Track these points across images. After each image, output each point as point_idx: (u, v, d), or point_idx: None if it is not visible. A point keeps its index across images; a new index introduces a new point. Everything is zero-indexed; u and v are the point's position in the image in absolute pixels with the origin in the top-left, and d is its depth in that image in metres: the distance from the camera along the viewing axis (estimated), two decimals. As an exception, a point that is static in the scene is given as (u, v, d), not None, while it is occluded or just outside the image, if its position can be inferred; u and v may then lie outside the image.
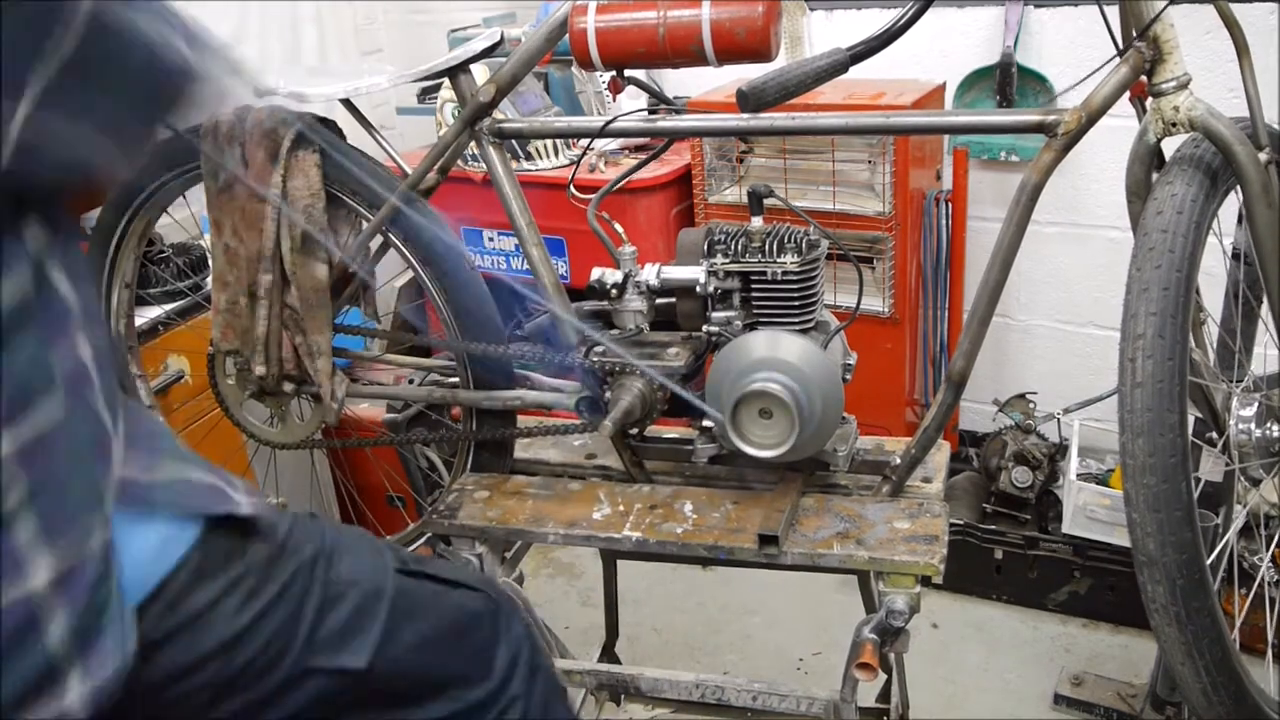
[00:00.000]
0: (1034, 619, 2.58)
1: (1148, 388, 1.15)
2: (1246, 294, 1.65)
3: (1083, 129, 1.24)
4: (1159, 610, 1.19)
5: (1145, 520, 1.16)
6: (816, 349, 1.36)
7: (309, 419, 1.79)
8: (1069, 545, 2.49)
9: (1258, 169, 1.22)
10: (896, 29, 1.26)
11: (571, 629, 2.60)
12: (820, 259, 1.43)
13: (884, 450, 1.54)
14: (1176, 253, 1.17)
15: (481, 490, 1.57)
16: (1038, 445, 2.62)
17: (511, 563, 1.60)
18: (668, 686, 1.51)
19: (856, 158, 2.61)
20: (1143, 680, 2.23)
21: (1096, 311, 2.81)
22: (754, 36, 1.31)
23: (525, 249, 1.52)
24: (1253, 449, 1.54)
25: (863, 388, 1.72)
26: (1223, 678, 1.22)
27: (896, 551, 1.32)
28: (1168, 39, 1.21)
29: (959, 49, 2.72)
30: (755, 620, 2.65)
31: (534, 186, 2.60)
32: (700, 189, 2.75)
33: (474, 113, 1.49)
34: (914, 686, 1.80)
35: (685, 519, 1.44)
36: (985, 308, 1.33)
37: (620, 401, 1.42)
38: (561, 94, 2.88)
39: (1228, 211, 1.35)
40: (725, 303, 1.44)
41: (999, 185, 2.77)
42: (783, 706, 1.46)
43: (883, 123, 1.41)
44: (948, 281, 2.76)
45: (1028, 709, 2.31)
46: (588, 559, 2.84)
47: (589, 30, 1.38)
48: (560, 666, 1.55)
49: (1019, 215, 1.28)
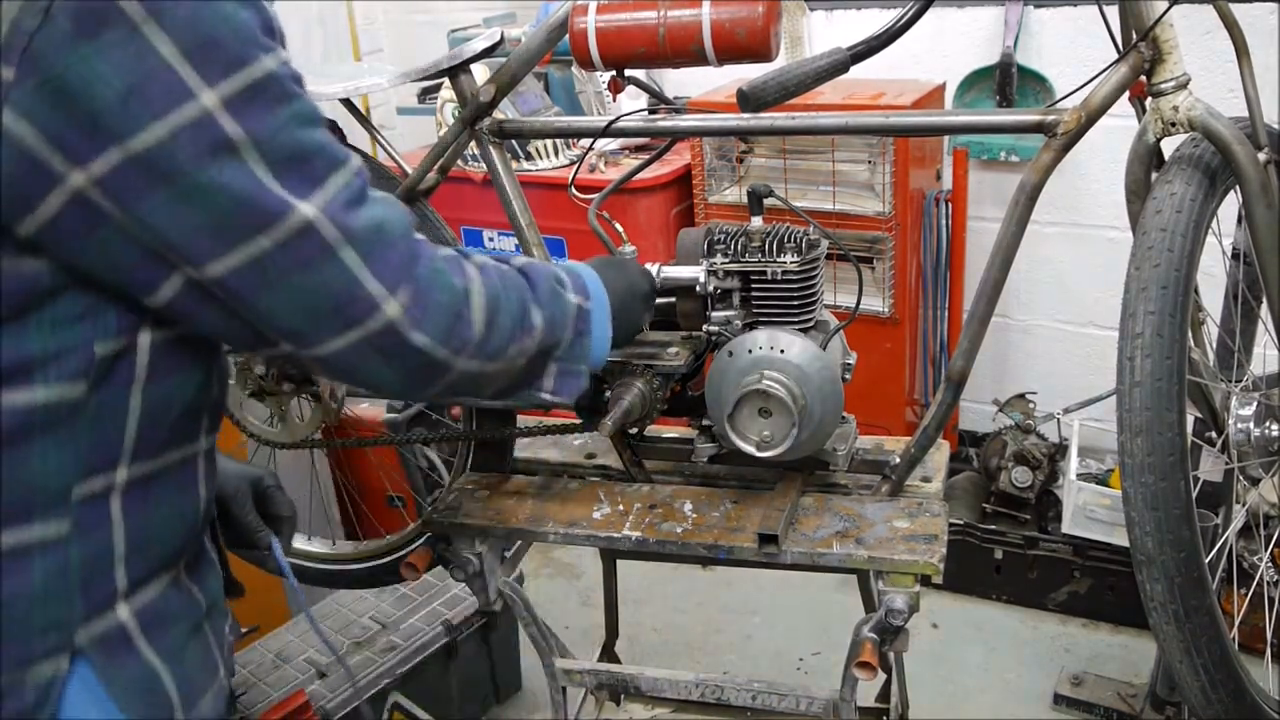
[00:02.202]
0: (1034, 619, 2.58)
1: (1146, 386, 1.15)
2: (1246, 294, 1.65)
3: (1082, 129, 1.24)
4: (1158, 608, 1.19)
5: (1144, 519, 1.16)
6: (816, 348, 1.36)
7: (309, 419, 1.79)
8: (1069, 545, 2.49)
9: (1257, 169, 1.22)
10: (896, 29, 1.26)
11: (571, 629, 2.60)
12: (820, 259, 1.43)
13: (884, 450, 1.54)
14: (1175, 252, 1.17)
15: (481, 490, 1.57)
16: (1037, 445, 2.62)
17: (511, 563, 1.60)
18: (668, 686, 1.51)
19: (856, 158, 2.61)
20: (1143, 680, 2.23)
21: (1096, 311, 2.81)
22: (754, 36, 1.31)
23: (525, 249, 1.52)
24: (1252, 448, 1.54)
25: (863, 388, 1.72)
26: (1221, 676, 1.22)
27: (896, 551, 1.32)
28: (1167, 39, 1.21)
29: (959, 49, 2.72)
30: (755, 620, 2.65)
31: (534, 186, 2.60)
32: (700, 189, 2.76)
33: (474, 113, 1.49)
34: (914, 686, 1.80)
35: (685, 518, 1.44)
36: (985, 307, 1.33)
37: (620, 401, 1.42)
38: (561, 94, 2.88)
39: (1227, 211, 1.35)
40: (725, 302, 1.45)
41: (999, 185, 2.78)
42: (782, 706, 1.46)
43: (883, 123, 1.41)
44: (947, 281, 2.77)
45: (1028, 709, 2.31)
46: (588, 559, 2.84)
47: (589, 30, 1.38)
48: (560, 666, 1.55)
49: (1018, 215, 1.28)
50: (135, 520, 0.85)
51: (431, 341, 0.90)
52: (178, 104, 0.72)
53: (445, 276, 0.92)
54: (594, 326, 1.16)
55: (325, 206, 0.80)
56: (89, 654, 0.81)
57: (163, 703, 0.86)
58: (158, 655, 0.86)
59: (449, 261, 0.94)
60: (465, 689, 2.26)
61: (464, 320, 0.94)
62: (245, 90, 0.75)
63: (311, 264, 0.80)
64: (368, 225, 0.83)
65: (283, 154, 0.78)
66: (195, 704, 0.90)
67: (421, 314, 0.88)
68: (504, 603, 1.57)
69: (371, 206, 0.85)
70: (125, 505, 0.84)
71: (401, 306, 0.86)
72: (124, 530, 0.84)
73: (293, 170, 0.78)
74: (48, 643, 0.79)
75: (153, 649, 0.86)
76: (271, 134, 0.77)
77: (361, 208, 0.84)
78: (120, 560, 0.84)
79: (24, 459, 0.76)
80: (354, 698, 2.00)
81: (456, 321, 0.92)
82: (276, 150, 0.77)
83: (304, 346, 0.85)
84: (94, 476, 0.81)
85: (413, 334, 0.88)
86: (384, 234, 0.85)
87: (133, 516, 0.85)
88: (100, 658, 0.82)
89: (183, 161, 0.73)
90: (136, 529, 0.85)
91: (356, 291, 0.83)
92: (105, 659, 0.82)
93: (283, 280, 0.80)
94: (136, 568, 0.85)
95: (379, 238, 0.84)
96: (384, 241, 0.85)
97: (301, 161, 0.79)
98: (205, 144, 0.73)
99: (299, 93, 0.80)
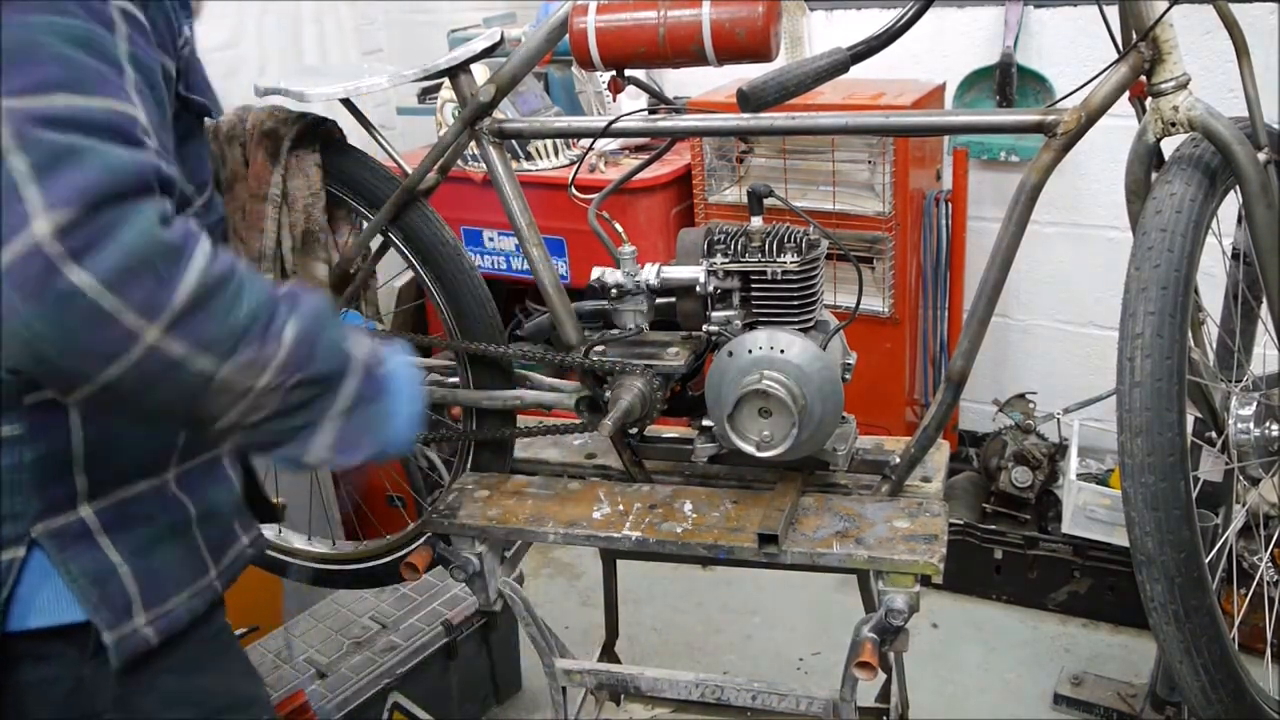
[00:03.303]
0: (1034, 619, 2.58)
1: (1146, 387, 1.15)
2: (1246, 294, 1.65)
3: (1082, 129, 1.24)
4: (1158, 608, 1.19)
5: (1144, 519, 1.16)
6: (816, 348, 1.37)
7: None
8: (1069, 545, 2.49)
9: (1257, 169, 1.22)
10: (896, 29, 1.26)
11: (571, 629, 2.60)
12: (820, 259, 1.43)
13: (883, 450, 1.54)
14: (1175, 252, 1.17)
15: (481, 490, 1.57)
16: (1037, 445, 2.62)
17: (511, 562, 1.60)
18: (668, 686, 1.51)
19: (856, 158, 2.61)
20: (1142, 680, 2.23)
21: (1096, 311, 2.81)
22: (754, 36, 1.31)
23: (525, 249, 1.52)
24: (1251, 448, 1.54)
25: (863, 388, 1.72)
26: (1221, 676, 1.22)
27: (896, 551, 1.32)
28: (1167, 39, 1.21)
29: (959, 49, 2.72)
30: (755, 620, 2.65)
31: (534, 186, 2.60)
32: (700, 189, 2.76)
33: (474, 113, 1.49)
34: (914, 686, 1.80)
35: (685, 518, 1.44)
36: (985, 308, 1.33)
37: (620, 401, 1.42)
38: (561, 94, 2.88)
39: (1227, 211, 1.35)
40: (725, 302, 1.45)
41: (999, 185, 2.77)
42: (782, 706, 1.46)
43: (883, 123, 1.41)
44: (947, 281, 2.77)
45: (1028, 709, 2.31)
46: (588, 559, 2.84)
47: (589, 30, 1.38)
48: (560, 666, 1.55)
49: (1019, 215, 1.29)
50: (94, 429, 0.89)
51: (98, 284, 0.71)
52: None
53: (146, 227, 0.74)
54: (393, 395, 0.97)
55: (17, 109, 0.72)
56: (44, 544, 0.88)
57: (117, 594, 0.91)
58: (118, 551, 0.91)
59: (181, 228, 0.77)
60: (465, 689, 2.26)
61: (159, 278, 0.74)
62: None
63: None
64: (57, 145, 0.72)
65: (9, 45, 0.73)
66: (162, 600, 0.95)
67: (87, 246, 0.71)
68: (504, 603, 1.57)
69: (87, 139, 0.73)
70: (84, 414, 0.88)
71: (54, 227, 0.69)
72: (81, 436, 0.88)
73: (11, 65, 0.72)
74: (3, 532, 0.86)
75: (114, 545, 0.91)
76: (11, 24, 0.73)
77: (68, 134, 0.72)
78: (78, 463, 0.88)
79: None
80: (353, 697, 2.00)
81: (146, 274, 0.73)
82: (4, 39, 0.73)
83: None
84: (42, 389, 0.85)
85: (67, 265, 0.70)
86: (76, 159, 0.72)
87: (92, 425, 0.88)
88: (55, 548, 0.88)
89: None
90: (96, 437, 0.89)
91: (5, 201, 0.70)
92: (59, 550, 0.88)
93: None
94: (99, 472, 0.90)
95: (67, 160, 0.72)
96: (72, 165, 0.72)
97: (25, 61, 0.73)
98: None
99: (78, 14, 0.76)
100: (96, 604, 0.89)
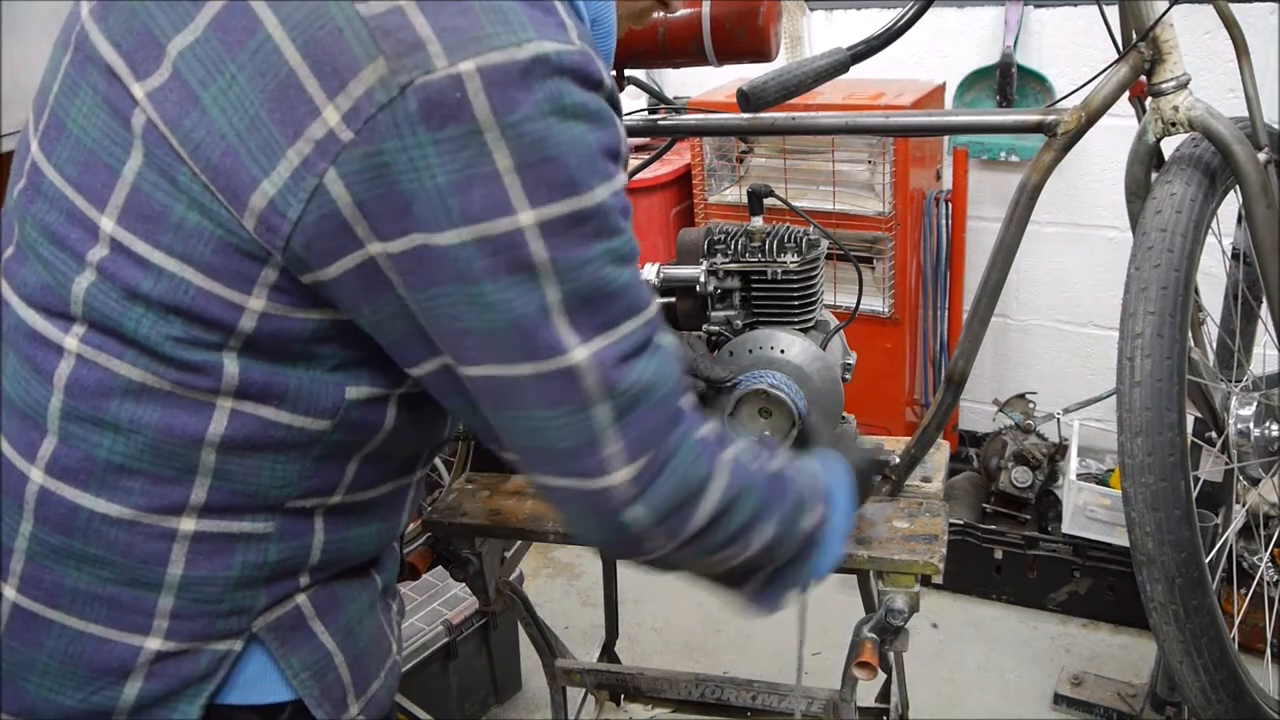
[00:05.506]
0: (1034, 619, 2.58)
1: (1146, 386, 1.15)
2: (1246, 294, 1.65)
3: (1082, 129, 1.24)
4: (1158, 608, 1.19)
5: (1144, 519, 1.16)
6: (816, 348, 1.37)
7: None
8: (1069, 545, 2.49)
9: (1257, 169, 1.22)
10: (896, 29, 1.26)
11: (571, 629, 2.60)
12: (820, 259, 1.43)
13: (883, 450, 1.54)
14: (1175, 252, 1.17)
15: (481, 489, 1.57)
16: (1037, 445, 2.63)
17: (511, 562, 1.60)
18: (668, 686, 1.51)
19: (856, 158, 2.61)
20: (1143, 680, 2.23)
21: (1096, 311, 2.81)
22: (754, 36, 1.31)
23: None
24: (1252, 448, 1.54)
25: (863, 388, 1.72)
26: (1221, 676, 1.22)
27: (896, 551, 1.32)
28: (1167, 39, 1.21)
29: (959, 49, 2.72)
30: (755, 620, 2.65)
31: (534, 186, 2.60)
32: (700, 189, 2.76)
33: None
34: (914, 686, 1.80)
35: (685, 518, 1.44)
36: (985, 308, 1.33)
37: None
38: (562, 94, 2.88)
39: (1228, 211, 1.35)
40: (725, 302, 1.45)
41: (999, 185, 2.78)
42: (782, 706, 1.46)
43: (883, 123, 1.41)
44: (948, 281, 2.77)
45: (1028, 709, 2.31)
46: (588, 559, 2.84)
47: (589, 30, 1.38)
48: (560, 666, 1.55)
49: (1019, 215, 1.28)
50: (335, 534, 0.88)
51: (646, 520, 0.81)
52: (493, 215, 0.70)
53: (690, 459, 0.83)
54: (826, 545, 1.04)
55: (599, 354, 0.75)
56: (265, 638, 0.85)
57: (334, 685, 0.89)
58: (331, 636, 0.89)
59: (704, 444, 0.84)
60: (465, 689, 2.26)
61: (689, 511, 0.84)
62: (567, 217, 0.72)
63: (558, 407, 0.76)
64: (634, 384, 0.77)
65: (581, 290, 0.74)
66: (368, 684, 0.93)
67: (647, 489, 0.80)
68: (504, 603, 1.57)
69: (648, 360, 0.79)
70: (328, 521, 0.87)
71: (631, 477, 0.79)
72: (322, 540, 0.87)
73: (585, 309, 0.75)
74: (229, 626, 0.83)
75: (326, 630, 0.89)
76: (577, 267, 0.73)
77: (637, 361, 0.78)
78: (312, 564, 0.87)
79: (254, 467, 0.80)
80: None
81: (681, 509, 0.83)
82: (576, 284, 0.74)
83: (523, 465, 0.83)
84: (310, 497, 0.84)
85: (630, 507, 0.80)
86: (647, 396, 0.78)
87: (333, 531, 0.88)
88: (276, 642, 0.85)
89: (479, 270, 0.71)
90: (334, 541, 0.88)
91: (591, 448, 0.77)
92: (280, 643, 0.86)
93: (526, 409, 0.77)
94: (324, 571, 0.89)
95: (641, 399, 0.78)
96: (645, 404, 0.78)
97: (598, 301, 0.75)
98: (506, 260, 0.71)
99: (622, 228, 0.77)
100: (319, 698, 0.87)
